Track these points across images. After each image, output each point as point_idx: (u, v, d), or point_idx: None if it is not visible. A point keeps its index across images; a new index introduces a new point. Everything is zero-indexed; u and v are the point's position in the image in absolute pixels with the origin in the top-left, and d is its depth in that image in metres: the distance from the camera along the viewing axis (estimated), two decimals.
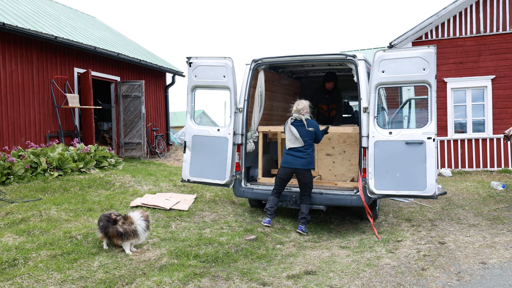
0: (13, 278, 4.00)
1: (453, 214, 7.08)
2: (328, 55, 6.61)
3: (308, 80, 9.70)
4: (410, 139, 5.75)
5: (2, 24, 9.06)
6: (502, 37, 11.91)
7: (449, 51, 12.34)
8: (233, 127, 6.57)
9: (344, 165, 7.36)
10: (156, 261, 4.58)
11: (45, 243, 4.84)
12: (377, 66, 5.82)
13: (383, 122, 9.55)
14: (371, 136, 5.88)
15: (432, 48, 5.62)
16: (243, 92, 6.71)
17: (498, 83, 11.95)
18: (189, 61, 6.71)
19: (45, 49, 10.79)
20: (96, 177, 8.43)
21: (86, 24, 14.84)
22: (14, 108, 9.88)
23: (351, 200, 6.08)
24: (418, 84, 5.81)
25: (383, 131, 5.90)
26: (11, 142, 9.71)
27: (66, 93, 11.20)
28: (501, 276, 4.28)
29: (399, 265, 4.63)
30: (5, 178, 8.03)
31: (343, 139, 7.35)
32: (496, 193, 8.83)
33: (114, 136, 13.45)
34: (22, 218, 5.77)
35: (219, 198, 7.65)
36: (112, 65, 13.26)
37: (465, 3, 12.10)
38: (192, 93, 6.85)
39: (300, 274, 4.45)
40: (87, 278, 4.07)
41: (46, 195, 7.22)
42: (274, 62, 6.88)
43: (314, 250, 5.47)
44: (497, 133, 11.86)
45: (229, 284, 4.18)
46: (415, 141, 5.72)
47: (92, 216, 6.01)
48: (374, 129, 5.89)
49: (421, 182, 5.67)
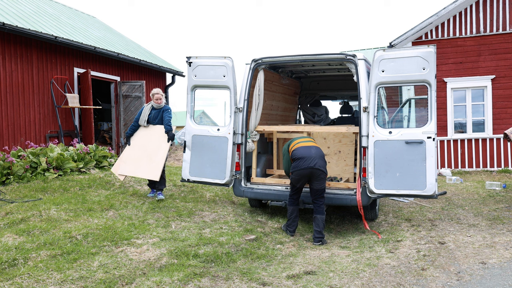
0: (13, 278, 3.99)
1: (453, 214, 7.08)
2: (328, 55, 6.61)
3: (308, 80, 9.70)
4: (410, 139, 5.74)
5: (2, 24, 9.06)
6: (502, 37, 11.91)
7: (449, 51, 12.34)
8: (233, 127, 6.57)
9: (339, 165, 7.34)
10: (156, 261, 4.58)
11: (45, 243, 4.84)
12: (377, 66, 5.82)
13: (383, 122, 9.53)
14: (371, 136, 5.88)
15: (432, 48, 5.62)
16: (243, 92, 6.71)
17: (498, 83, 11.95)
18: (189, 61, 6.71)
19: (45, 49, 10.79)
20: (96, 177, 8.43)
21: (86, 24, 14.84)
22: (14, 108, 9.88)
23: (351, 199, 6.08)
24: (418, 83, 5.81)
25: (383, 131, 5.90)
26: (11, 142, 9.71)
27: (66, 93, 11.20)
28: (501, 276, 4.27)
29: (399, 265, 4.63)
30: (5, 178, 8.03)
31: (338, 138, 7.34)
32: (496, 193, 8.82)
33: (114, 136, 13.44)
34: (22, 218, 5.77)
35: (219, 198, 7.65)
36: (112, 65, 13.26)
37: (465, 3, 12.09)
38: (192, 93, 6.85)
39: (300, 274, 4.45)
40: (87, 278, 4.07)
41: (46, 195, 7.21)
42: (274, 62, 6.87)
43: (314, 250, 5.47)
44: (497, 133, 11.86)
45: (229, 284, 4.18)
46: (415, 141, 5.72)
47: (92, 216, 6.01)
48: (374, 128, 5.89)
49: (421, 181, 5.67)
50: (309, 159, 5.73)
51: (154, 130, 7.24)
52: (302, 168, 5.72)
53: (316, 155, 5.80)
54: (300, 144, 5.98)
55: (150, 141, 7.19)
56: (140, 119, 7.29)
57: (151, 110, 7.30)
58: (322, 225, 5.77)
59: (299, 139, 6.13)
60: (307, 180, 5.82)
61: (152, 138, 7.20)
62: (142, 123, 7.25)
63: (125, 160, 7.26)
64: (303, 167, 5.71)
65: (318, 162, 5.74)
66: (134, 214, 6.31)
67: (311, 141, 6.09)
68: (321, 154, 5.88)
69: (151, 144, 7.16)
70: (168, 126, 7.13)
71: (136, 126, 7.31)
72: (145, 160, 7.12)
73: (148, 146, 7.17)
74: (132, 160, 7.20)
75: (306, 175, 5.75)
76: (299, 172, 5.75)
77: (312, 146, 5.93)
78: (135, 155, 7.21)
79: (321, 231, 5.75)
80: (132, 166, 7.18)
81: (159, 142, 7.14)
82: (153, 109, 7.30)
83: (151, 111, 7.30)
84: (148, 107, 7.32)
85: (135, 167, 7.16)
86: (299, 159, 5.77)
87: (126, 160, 7.26)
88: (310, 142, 6.06)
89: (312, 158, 5.74)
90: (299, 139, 6.16)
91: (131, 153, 7.25)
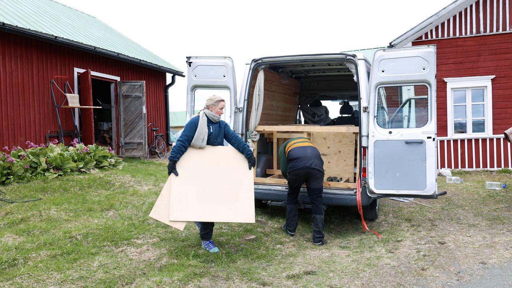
0: (13, 278, 3.99)
1: (453, 214, 7.08)
2: (328, 55, 6.61)
3: (308, 80, 9.70)
4: (410, 139, 5.75)
5: (2, 24, 9.06)
6: (502, 37, 11.91)
7: (449, 51, 12.34)
8: (233, 127, 6.58)
9: (339, 165, 7.34)
10: (156, 261, 4.58)
11: (45, 243, 4.84)
12: (377, 66, 5.82)
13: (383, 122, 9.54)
14: (371, 136, 5.89)
15: (432, 48, 5.62)
16: (243, 92, 6.71)
17: (498, 83, 11.95)
18: (189, 61, 6.71)
19: (45, 49, 10.79)
20: (96, 177, 8.43)
21: (86, 24, 14.84)
22: (14, 108, 9.88)
23: (351, 199, 6.08)
24: (418, 83, 5.81)
25: (383, 131, 5.90)
26: (11, 142, 9.71)
27: (66, 93, 11.20)
28: (501, 276, 4.27)
29: (399, 265, 4.63)
30: (5, 178, 8.03)
31: (338, 138, 7.34)
32: (496, 193, 8.82)
33: (114, 136, 13.44)
34: (22, 218, 5.77)
35: None
36: (112, 65, 13.26)
37: (465, 3, 12.09)
38: (192, 92, 6.85)
39: (300, 274, 4.45)
40: (87, 278, 4.07)
41: (46, 195, 7.21)
42: (274, 62, 6.88)
43: (314, 250, 5.47)
44: (497, 133, 11.86)
45: (229, 284, 4.18)
46: (415, 141, 5.73)
47: (92, 216, 6.01)
48: (374, 128, 5.89)
49: (421, 181, 5.67)
50: (305, 158, 5.76)
51: (218, 154, 5.25)
52: (299, 168, 5.75)
53: (312, 154, 5.84)
54: (296, 144, 6.02)
55: (218, 170, 5.19)
56: (195, 137, 5.07)
57: (209, 125, 5.19)
58: (321, 225, 5.77)
59: (295, 140, 6.17)
60: (304, 179, 5.85)
61: (219, 165, 5.21)
62: (199, 144, 5.09)
63: (180, 201, 4.96)
64: (299, 167, 5.74)
65: (314, 162, 5.78)
66: (134, 214, 6.31)
67: (307, 141, 6.13)
68: (317, 154, 5.92)
69: (220, 173, 5.18)
70: (249, 149, 5.28)
71: (186, 147, 5.08)
72: (220, 197, 5.07)
73: (217, 177, 5.16)
74: (194, 199, 5.02)
75: (302, 174, 5.78)
76: (295, 172, 5.79)
77: (308, 146, 5.97)
78: (196, 191, 5.05)
79: (321, 231, 5.76)
80: (197, 207, 4.99)
81: (235, 170, 5.22)
82: (210, 123, 5.20)
83: (211, 127, 5.20)
84: (204, 121, 5.12)
85: (205, 209, 4.99)
86: (296, 159, 5.81)
87: (181, 200, 4.96)
88: (305, 142, 6.09)
89: (308, 157, 5.78)
90: (294, 139, 6.20)
91: (187, 189, 5.02)
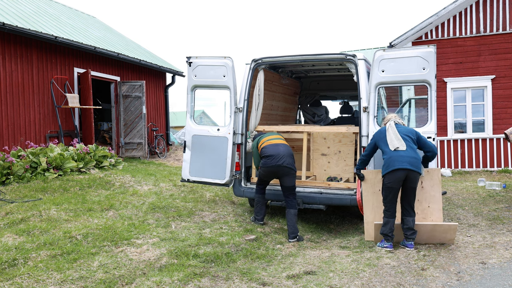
0: (13, 278, 3.99)
1: (453, 214, 7.07)
2: (328, 55, 6.62)
3: (308, 80, 9.70)
4: None
5: (2, 24, 9.06)
6: (502, 37, 11.90)
7: (449, 51, 12.34)
8: (233, 127, 6.58)
9: (339, 165, 7.34)
10: (156, 261, 4.58)
11: (45, 243, 4.84)
12: (377, 66, 5.82)
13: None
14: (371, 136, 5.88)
15: (432, 48, 5.62)
16: (243, 92, 6.72)
17: (498, 83, 11.95)
18: (189, 61, 6.72)
19: (45, 49, 10.79)
20: (96, 177, 8.43)
21: (86, 24, 14.84)
22: (14, 108, 9.88)
23: (351, 199, 6.08)
24: (418, 83, 5.82)
25: None
26: (11, 142, 9.71)
27: (66, 93, 11.20)
28: (501, 276, 4.27)
29: (399, 265, 4.63)
30: (5, 178, 8.03)
31: (338, 138, 7.34)
32: (496, 193, 8.82)
33: (114, 136, 13.44)
34: (22, 218, 5.77)
35: (219, 198, 7.65)
36: (112, 65, 13.26)
37: (465, 3, 12.09)
38: (192, 93, 6.85)
39: (300, 274, 4.45)
40: (87, 278, 4.07)
41: (46, 195, 7.21)
42: (274, 62, 6.88)
43: (314, 250, 5.47)
44: (497, 133, 11.86)
45: (229, 284, 4.18)
46: None
47: (92, 216, 6.01)
48: (374, 128, 5.89)
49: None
50: (277, 157, 5.92)
51: None
52: (270, 165, 5.93)
53: (284, 153, 5.98)
54: (269, 142, 6.15)
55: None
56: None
57: None
58: (295, 219, 5.91)
59: (268, 136, 6.27)
60: (276, 176, 6.04)
61: None
62: None
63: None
64: (271, 165, 5.93)
65: (286, 160, 5.92)
66: (134, 214, 6.31)
67: (280, 139, 6.25)
68: (289, 152, 6.06)
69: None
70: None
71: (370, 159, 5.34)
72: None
73: None
74: None
75: (274, 172, 5.97)
76: (267, 169, 5.98)
77: (281, 144, 6.11)
78: None
79: (294, 225, 5.87)
80: None
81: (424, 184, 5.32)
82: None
83: None
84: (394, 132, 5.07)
85: None
86: (268, 157, 5.97)
87: None
88: (278, 139, 6.20)
89: (280, 156, 5.93)
90: (267, 136, 6.30)
91: None
